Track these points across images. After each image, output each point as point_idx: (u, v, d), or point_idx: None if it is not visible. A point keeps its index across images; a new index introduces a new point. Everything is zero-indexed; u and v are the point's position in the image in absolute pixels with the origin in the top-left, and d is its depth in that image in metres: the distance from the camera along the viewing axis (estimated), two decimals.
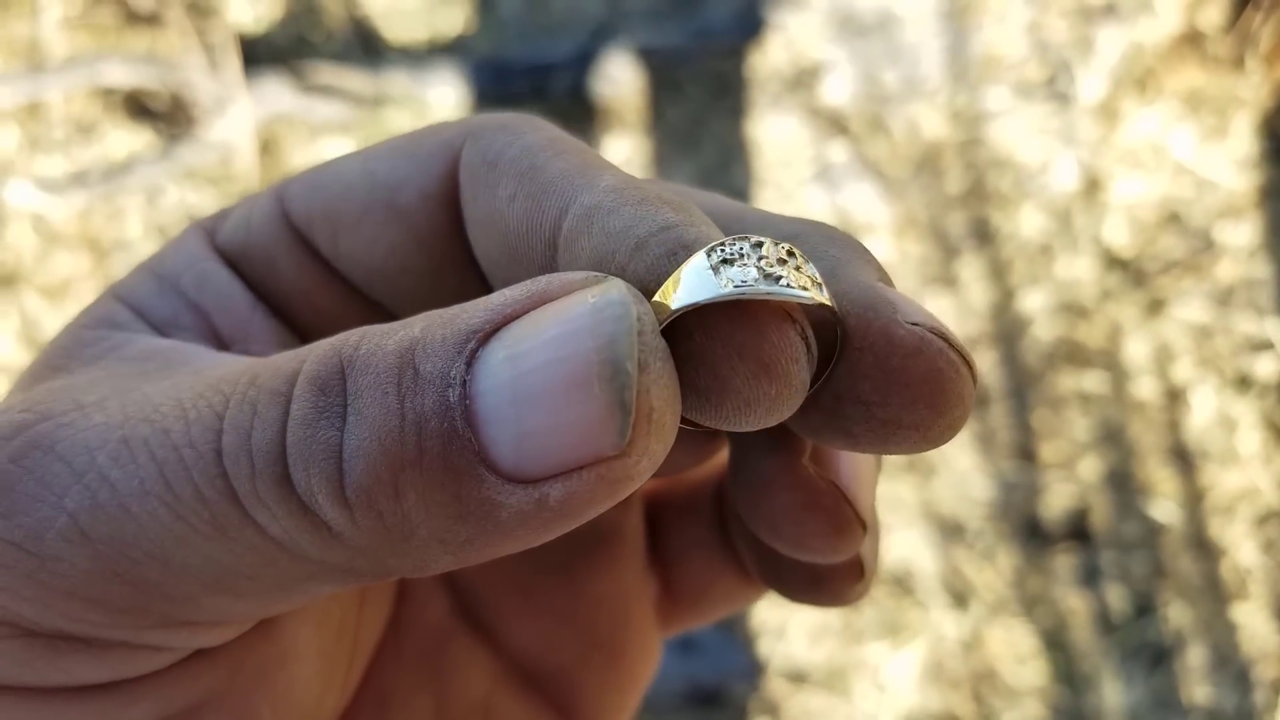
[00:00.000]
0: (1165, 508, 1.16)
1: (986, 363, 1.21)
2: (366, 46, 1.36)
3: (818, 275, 0.18)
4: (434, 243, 0.22)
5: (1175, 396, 1.20)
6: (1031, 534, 1.16)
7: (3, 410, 0.20)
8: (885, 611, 1.14)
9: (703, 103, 1.34)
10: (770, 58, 1.33)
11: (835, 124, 1.31)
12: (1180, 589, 1.14)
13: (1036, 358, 1.21)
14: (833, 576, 0.24)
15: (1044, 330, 1.22)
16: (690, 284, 0.17)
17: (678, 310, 0.17)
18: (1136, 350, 1.21)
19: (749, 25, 1.35)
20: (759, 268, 0.17)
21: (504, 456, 0.17)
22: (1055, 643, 1.13)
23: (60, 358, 0.22)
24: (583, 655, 0.28)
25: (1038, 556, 1.15)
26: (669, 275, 0.18)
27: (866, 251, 0.21)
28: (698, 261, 0.17)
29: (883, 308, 0.19)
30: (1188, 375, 1.20)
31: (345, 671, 0.25)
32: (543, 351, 0.17)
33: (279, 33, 1.37)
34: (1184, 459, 1.18)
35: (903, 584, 1.15)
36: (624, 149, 1.32)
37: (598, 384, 0.17)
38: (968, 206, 1.26)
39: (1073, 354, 1.21)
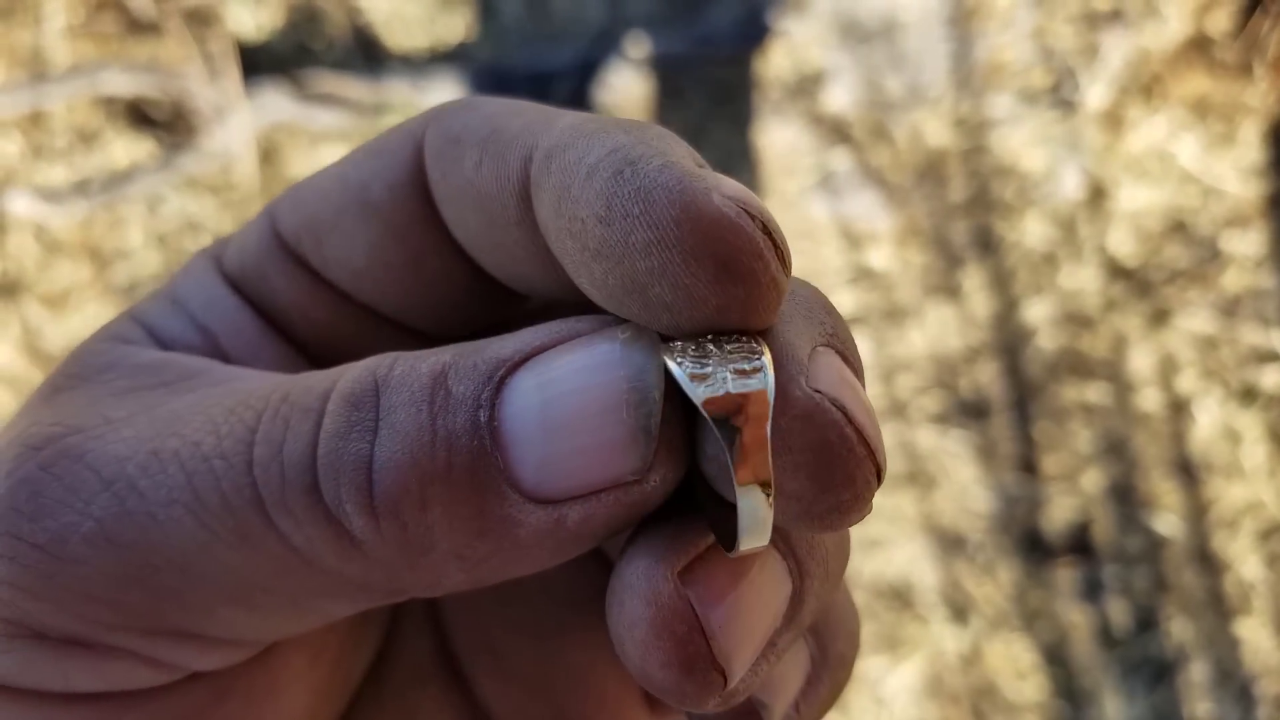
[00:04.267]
0: (1168, 521, 1.15)
1: (989, 374, 1.20)
2: (368, 54, 1.36)
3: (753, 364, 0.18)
4: (410, 232, 0.23)
5: (1179, 408, 1.18)
6: (1033, 547, 1.15)
7: (31, 422, 0.21)
8: (884, 625, 1.13)
9: (704, 110, 1.33)
10: (773, 65, 1.32)
11: (838, 131, 1.30)
12: (1183, 604, 1.13)
13: (1039, 368, 1.20)
14: None
15: (1047, 341, 1.21)
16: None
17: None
18: (1141, 361, 1.20)
19: (751, 32, 1.34)
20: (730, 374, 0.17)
21: (527, 477, 0.18)
22: (1056, 658, 1.12)
23: (75, 368, 0.23)
24: None
25: (1039, 570, 1.14)
26: (616, 195, 0.18)
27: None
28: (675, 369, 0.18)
29: (790, 366, 0.18)
30: (1192, 387, 1.19)
31: (330, 707, 0.25)
32: (573, 379, 0.18)
33: (280, 41, 1.37)
34: (1188, 472, 1.16)
35: (902, 597, 1.14)
36: None
37: (626, 410, 0.18)
38: (971, 215, 1.25)
39: (1076, 365, 1.20)
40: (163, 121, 1.33)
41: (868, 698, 1.11)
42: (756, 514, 0.17)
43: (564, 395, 0.18)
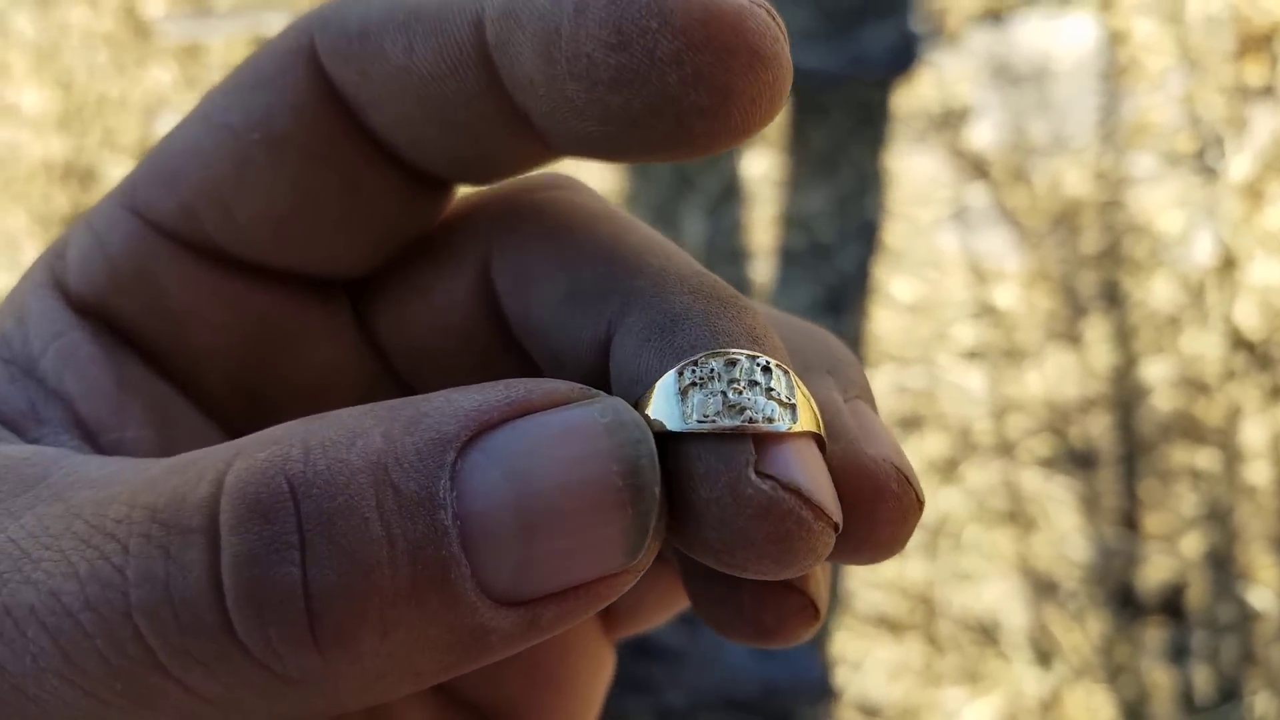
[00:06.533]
0: (1263, 595, 1.15)
1: (1101, 426, 1.20)
2: None
3: (795, 393, 0.17)
4: (334, 151, 0.20)
5: None
6: (1125, 602, 1.15)
7: None
8: (968, 658, 1.14)
9: (846, 129, 1.35)
10: (919, 94, 1.34)
11: (977, 168, 1.31)
12: (1269, 679, 1.13)
13: (1152, 427, 1.20)
14: (783, 612, 0.20)
15: (1162, 401, 1.21)
16: (658, 406, 0.17)
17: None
18: (1254, 433, 1.20)
19: (902, 59, 1.36)
20: (724, 394, 0.16)
21: (500, 581, 0.16)
22: (1135, 715, 1.12)
23: None
24: (530, 690, 0.25)
25: (1128, 626, 1.14)
26: (625, 16, 0.17)
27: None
28: (667, 383, 0.17)
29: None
30: None
31: None
32: (557, 473, 0.16)
33: None
34: None
35: (989, 633, 1.14)
36: (763, 166, 1.34)
37: (629, 508, 0.16)
38: (1101, 268, 1.26)
39: (1189, 429, 1.20)
40: None
41: None
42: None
43: (545, 491, 0.16)
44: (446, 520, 0.15)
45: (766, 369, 0.17)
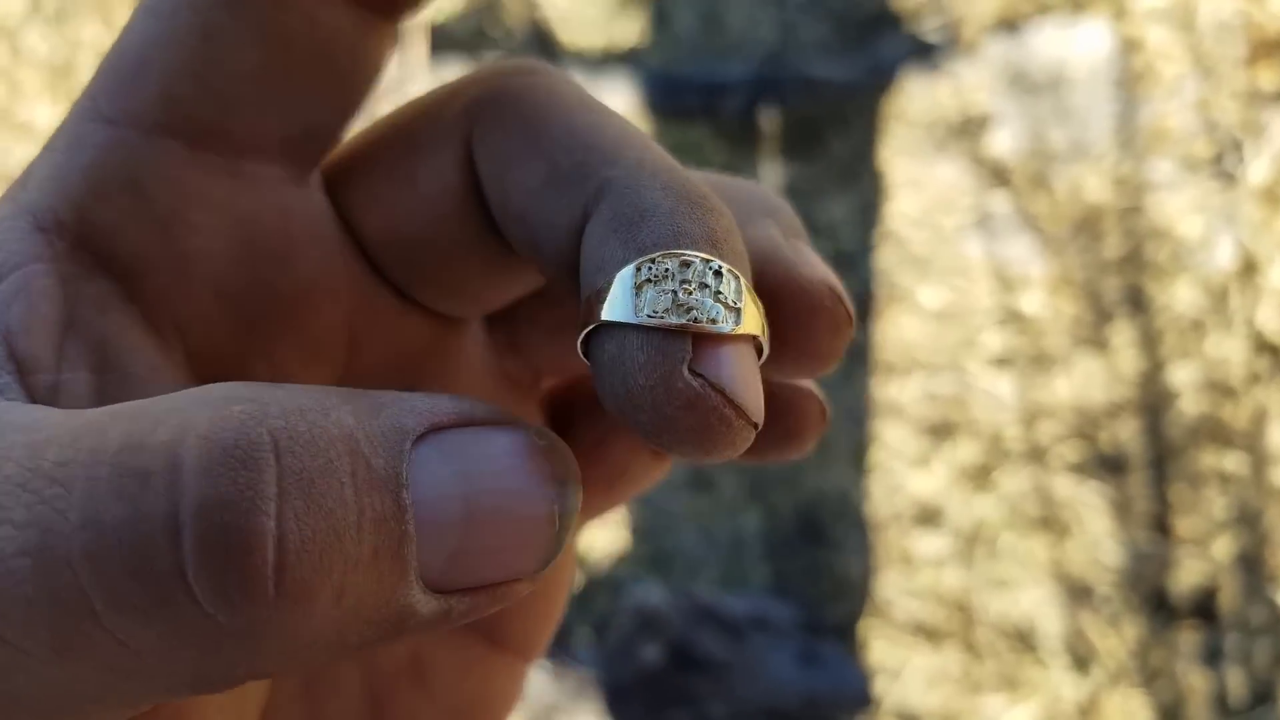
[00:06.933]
0: None
1: (1130, 431, 1.21)
2: (543, 47, 1.39)
3: (743, 297, 0.18)
4: None
5: None
6: (1158, 606, 1.16)
7: None
8: (1005, 665, 1.14)
9: (866, 138, 1.35)
10: (939, 103, 1.34)
11: (998, 175, 1.31)
12: None
13: (1180, 432, 1.21)
14: (804, 418, 0.23)
15: (1190, 405, 1.22)
16: (614, 296, 0.18)
17: (597, 323, 0.18)
18: None
19: (918, 69, 1.36)
20: (675, 294, 0.17)
21: (435, 567, 0.17)
22: (1171, 718, 1.13)
23: None
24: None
25: (1163, 630, 1.15)
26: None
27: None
28: (625, 276, 0.18)
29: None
30: None
31: None
32: (500, 479, 0.17)
33: (459, 25, 1.40)
34: None
35: (1025, 640, 1.15)
36: (785, 175, 1.34)
37: (554, 523, 0.17)
38: (1123, 273, 1.27)
39: (1216, 432, 1.21)
40: None
41: None
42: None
43: (489, 493, 0.17)
44: (407, 500, 0.16)
45: (719, 273, 0.18)
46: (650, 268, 0.17)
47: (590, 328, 0.18)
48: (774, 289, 0.20)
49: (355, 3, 0.21)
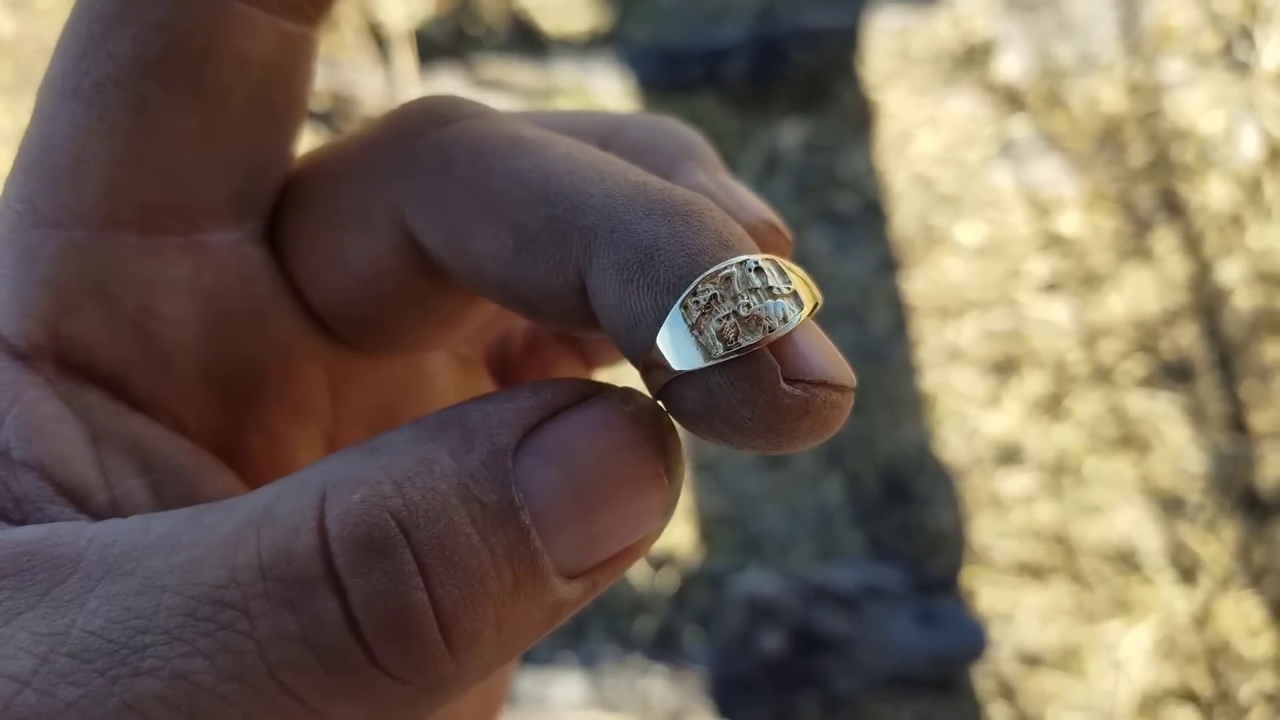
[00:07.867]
0: None
1: (1190, 336, 1.20)
2: (528, 40, 1.34)
3: (789, 276, 0.17)
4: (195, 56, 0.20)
5: None
6: (1251, 505, 1.15)
7: None
8: (1115, 590, 1.13)
9: (875, 83, 1.32)
10: (940, 35, 1.32)
11: (1012, 100, 1.29)
12: None
13: (1239, 328, 1.20)
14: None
15: (1243, 300, 1.21)
16: (677, 346, 0.17)
17: (674, 375, 0.17)
18: None
19: (915, 2, 1.34)
20: (736, 314, 0.17)
21: (570, 558, 0.18)
22: None
23: None
24: None
25: (1260, 527, 1.14)
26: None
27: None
28: (674, 321, 0.17)
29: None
30: None
31: None
32: (603, 462, 0.18)
33: (437, 29, 1.34)
34: None
35: (1129, 561, 1.13)
36: (800, 132, 1.30)
37: (665, 479, 0.18)
38: (1154, 179, 1.25)
39: (1275, 323, 1.20)
40: (322, 113, 1.30)
41: (1104, 661, 1.10)
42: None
43: (598, 479, 0.18)
44: (526, 520, 0.17)
45: (758, 269, 0.17)
46: (696, 302, 0.17)
47: (667, 382, 0.17)
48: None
49: (278, 14, 0.20)
